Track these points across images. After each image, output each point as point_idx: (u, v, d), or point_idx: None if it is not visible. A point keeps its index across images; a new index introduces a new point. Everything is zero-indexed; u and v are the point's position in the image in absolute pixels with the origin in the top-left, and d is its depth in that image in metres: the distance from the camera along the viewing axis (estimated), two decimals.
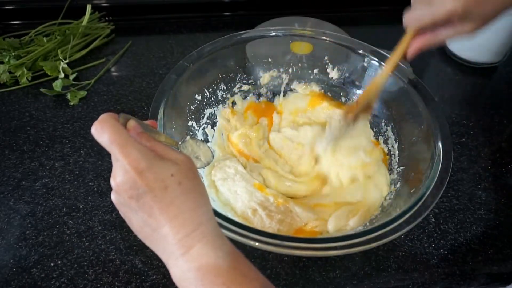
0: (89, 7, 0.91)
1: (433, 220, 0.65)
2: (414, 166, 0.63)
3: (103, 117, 0.38)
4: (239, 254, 0.39)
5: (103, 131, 0.37)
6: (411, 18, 0.51)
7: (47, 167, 0.69)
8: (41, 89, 0.80)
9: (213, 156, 0.57)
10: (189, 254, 0.36)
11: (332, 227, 0.58)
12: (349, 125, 0.64)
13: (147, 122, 0.45)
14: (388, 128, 0.71)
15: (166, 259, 0.38)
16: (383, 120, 0.72)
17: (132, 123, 0.41)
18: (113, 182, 0.37)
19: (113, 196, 0.39)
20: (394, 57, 0.57)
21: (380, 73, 0.61)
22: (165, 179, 0.36)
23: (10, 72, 0.82)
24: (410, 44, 0.54)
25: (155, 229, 0.37)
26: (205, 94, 0.72)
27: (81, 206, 0.64)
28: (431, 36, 0.52)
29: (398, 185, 0.63)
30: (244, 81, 0.77)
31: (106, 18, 0.99)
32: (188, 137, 0.54)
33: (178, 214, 0.36)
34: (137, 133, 0.40)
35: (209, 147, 0.56)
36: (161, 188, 0.36)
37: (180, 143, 0.51)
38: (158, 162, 0.37)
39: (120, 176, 0.36)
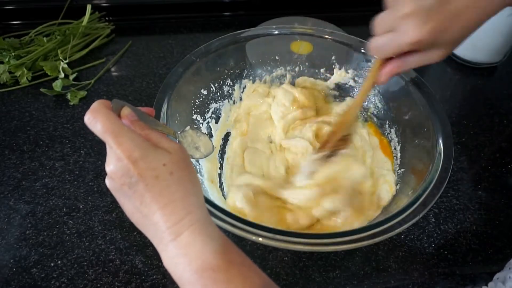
0: (89, 7, 0.91)
1: (433, 220, 0.65)
2: (415, 167, 0.63)
3: (95, 106, 0.39)
4: (227, 241, 0.39)
5: (96, 120, 0.37)
6: (375, 48, 0.48)
7: (47, 167, 0.69)
8: (41, 89, 0.80)
9: (213, 148, 0.57)
10: (177, 240, 0.37)
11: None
12: (327, 158, 0.60)
13: (144, 109, 0.45)
14: (392, 130, 0.71)
15: (157, 244, 0.39)
16: (387, 122, 0.72)
17: (126, 110, 0.41)
18: (107, 168, 0.38)
19: (107, 181, 0.40)
20: (365, 86, 0.54)
21: (353, 103, 0.58)
22: (157, 168, 0.37)
23: (10, 72, 0.82)
24: (380, 70, 0.50)
25: (146, 215, 0.38)
26: (211, 89, 0.72)
27: (81, 206, 0.64)
28: (401, 63, 0.48)
29: (397, 187, 0.63)
30: (250, 78, 0.77)
31: (106, 18, 0.99)
32: (188, 127, 0.53)
33: (168, 203, 0.37)
34: (131, 121, 0.40)
35: (210, 139, 0.55)
36: (153, 177, 0.37)
37: (179, 132, 0.51)
38: (151, 151, 0.38)
39: (113, 164, 0.37)
